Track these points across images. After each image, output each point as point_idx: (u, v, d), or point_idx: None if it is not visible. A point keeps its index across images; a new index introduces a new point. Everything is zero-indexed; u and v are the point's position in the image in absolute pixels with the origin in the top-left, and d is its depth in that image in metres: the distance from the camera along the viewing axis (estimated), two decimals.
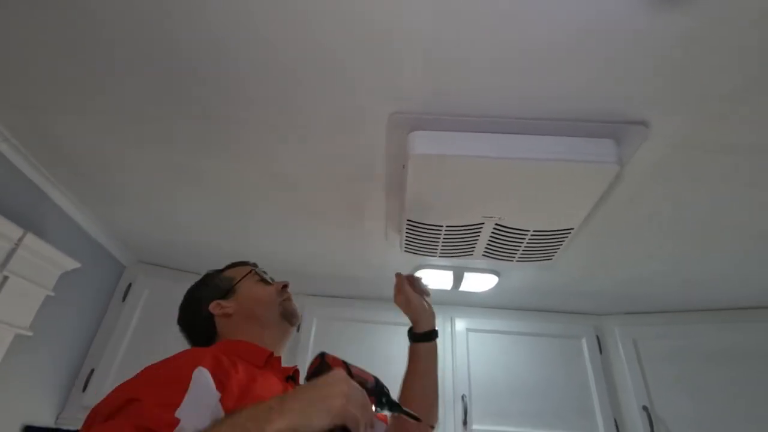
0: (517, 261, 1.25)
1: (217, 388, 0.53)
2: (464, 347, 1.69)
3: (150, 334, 1.56)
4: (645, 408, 1.51)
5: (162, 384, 0.50)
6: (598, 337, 1.71)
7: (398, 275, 0.99)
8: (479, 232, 1.12)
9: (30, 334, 1.12)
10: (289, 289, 0.83)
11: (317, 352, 1.85)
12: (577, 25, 0.67)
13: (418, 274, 1.51)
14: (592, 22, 0.66)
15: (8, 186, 1.10)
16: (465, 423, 1.52)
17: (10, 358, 1.09)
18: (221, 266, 0.87)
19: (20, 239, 1.05)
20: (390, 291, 1.79)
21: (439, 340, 1.70)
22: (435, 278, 1.51)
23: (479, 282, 1.52)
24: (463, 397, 1.57)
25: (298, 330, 1.75)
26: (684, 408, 1.49)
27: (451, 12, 0.66)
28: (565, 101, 0.82)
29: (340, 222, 1.29)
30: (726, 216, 1.09)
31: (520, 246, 1.16)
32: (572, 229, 1.07)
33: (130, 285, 1.66)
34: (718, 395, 1.47)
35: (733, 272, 1.36)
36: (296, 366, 0.75)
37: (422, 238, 1.18)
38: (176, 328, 0.83)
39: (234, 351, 0.66)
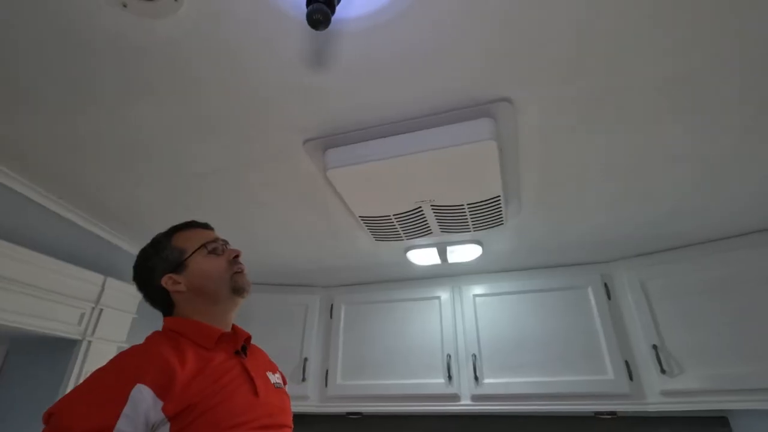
0: (474, 230, 1.38)
1: (161, 396, 0.58)
2: (472, 312, 1.83)
3: None
4: (654, 347, 1.52)
5: (98, 405, 0.56)
6: (606, 285, 1.73)
7: None
8: (423, 214, 1.29)
9: (127, 345, 1.59)
10: (241, 259, 0.84)
11: (346, 336, 2.10)
12: (428, 34, 0.82)
13: (408, 254, 1.71)
14: (402, 43, 0.81)
15: (90, 246, 1.56)
16: (476, 378, 1.69)
17: None
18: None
19: (104, 283, 1.50)
20: (394, 272, 2.00)
21: (448, 308, 1.88)
22: (424, 256, 1.69)
23: (464, 253, 1.65)
24: (473, 356, 1.73)
25: (330, 317, 2.06)
26: (693, 341, 1.47)
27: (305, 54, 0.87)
28: (439, 96, 0.95)
29: (322, 225, 1.54)
30: (637, 154, 1.11)
31: (465, 218, 1.30)
32: (498, 196, 1.19)
33: None
34: (727, 325, 1.42)
35: (709, 202, 1.31)
36: (248, 334, 0.80)
37: (382, 228, 1.38)
38: None
39: (185, 332, 0.73)
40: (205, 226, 0.88)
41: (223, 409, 0.64)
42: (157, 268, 0.79)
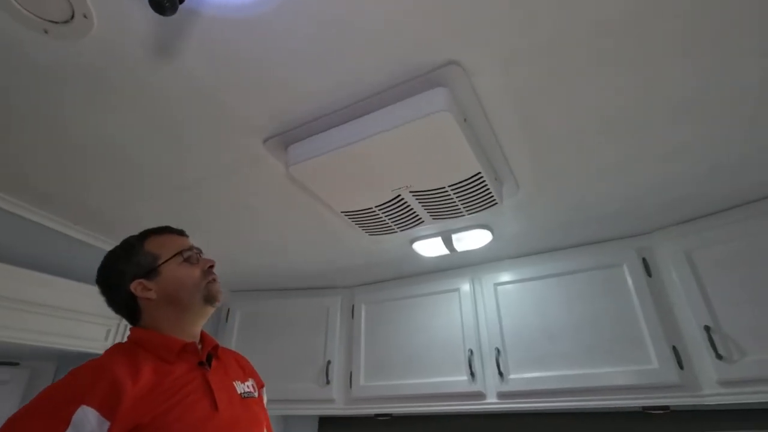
0: (468, 214, 1.27)
1: (108, 416, 0.57)
2: (493, 302, 1.69)
3: (249, 345, 2.05)
4: (707, 328, 1.29)
5: (38, 429, 0.55)
6: (645, 260, 1.51)
7: None
8: (405, 202, 1.20)
9: None
10: (215, 270, 0.83)
11: (368, 336, 2.00)
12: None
13: (414, 246, 1.62)
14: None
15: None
16: (501, 374, 1.55)
17: None
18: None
19: None
20: (411, 267, 1.89)
21: (468, 300, 1.76)
22: (431, 247, 1.59)
23: (473, 240, 1.53)
24: (497, 350, 1.60)
25: (352, 317, 2.03)
26: (755, 319, 1.21)
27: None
28: (376, 71, 0.86)
29: (317, 225, 1.51)
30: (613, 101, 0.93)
31: (452, 202, 1.19)
32: (479, 173, 1.07)
33: (228, 310, 2.21)
34: None
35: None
36: (215, 342, 0.80)
37: (370, 222, 1.31)
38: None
39: (146, 345, 0.71)
40: (180, 233, 0.86)
41: (177, 426, 0.62)
42: (127, 272, 0.77)
